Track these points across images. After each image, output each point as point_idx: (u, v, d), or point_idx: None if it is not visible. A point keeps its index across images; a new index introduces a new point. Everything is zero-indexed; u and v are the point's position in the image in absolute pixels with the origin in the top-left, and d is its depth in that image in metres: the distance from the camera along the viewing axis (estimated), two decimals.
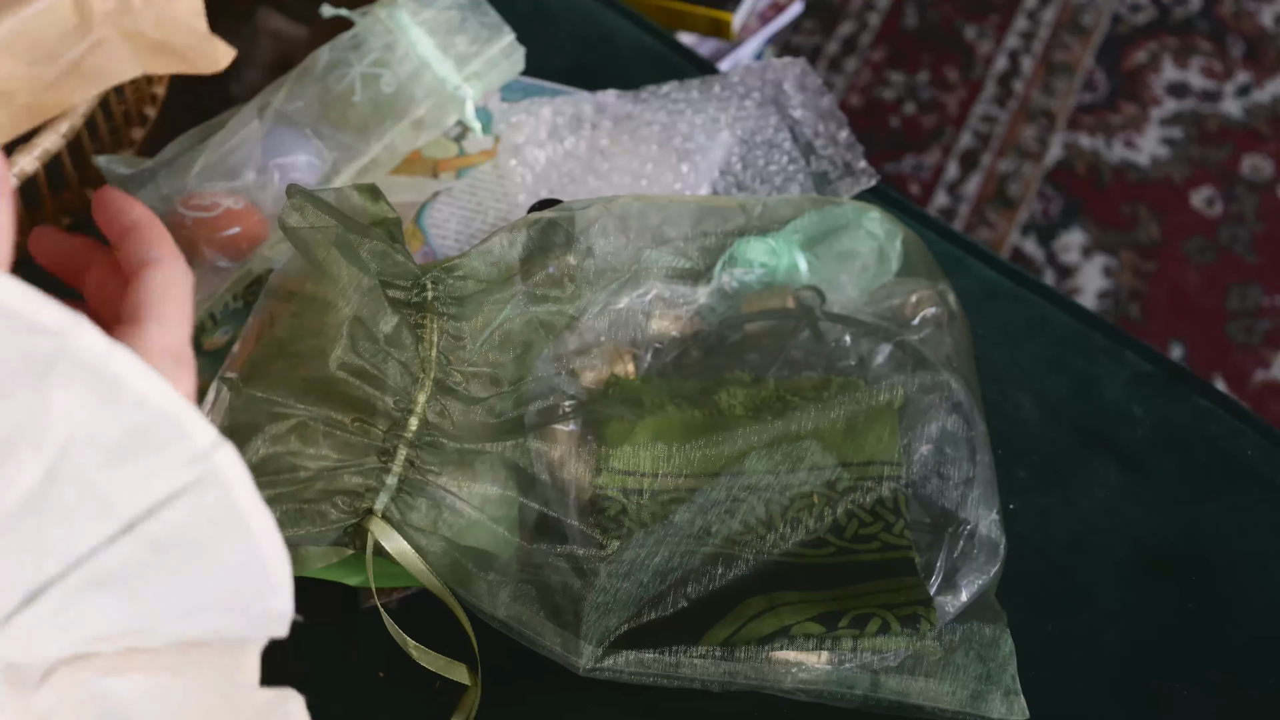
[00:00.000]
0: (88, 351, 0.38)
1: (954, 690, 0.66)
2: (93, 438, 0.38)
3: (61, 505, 0.38)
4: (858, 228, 0.78)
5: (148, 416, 0.39)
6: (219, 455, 0.40)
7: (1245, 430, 0.79)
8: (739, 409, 0.72)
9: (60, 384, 0.38)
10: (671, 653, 0.66)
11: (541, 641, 0.66)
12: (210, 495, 0.40)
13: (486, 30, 0.87)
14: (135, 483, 0.39)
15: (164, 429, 0.39)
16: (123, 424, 0.39)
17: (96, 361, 0.38)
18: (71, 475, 0.38)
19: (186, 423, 0.40)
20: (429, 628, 0.70)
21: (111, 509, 0.39)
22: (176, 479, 0.40)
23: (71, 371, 0.38)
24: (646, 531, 0.68)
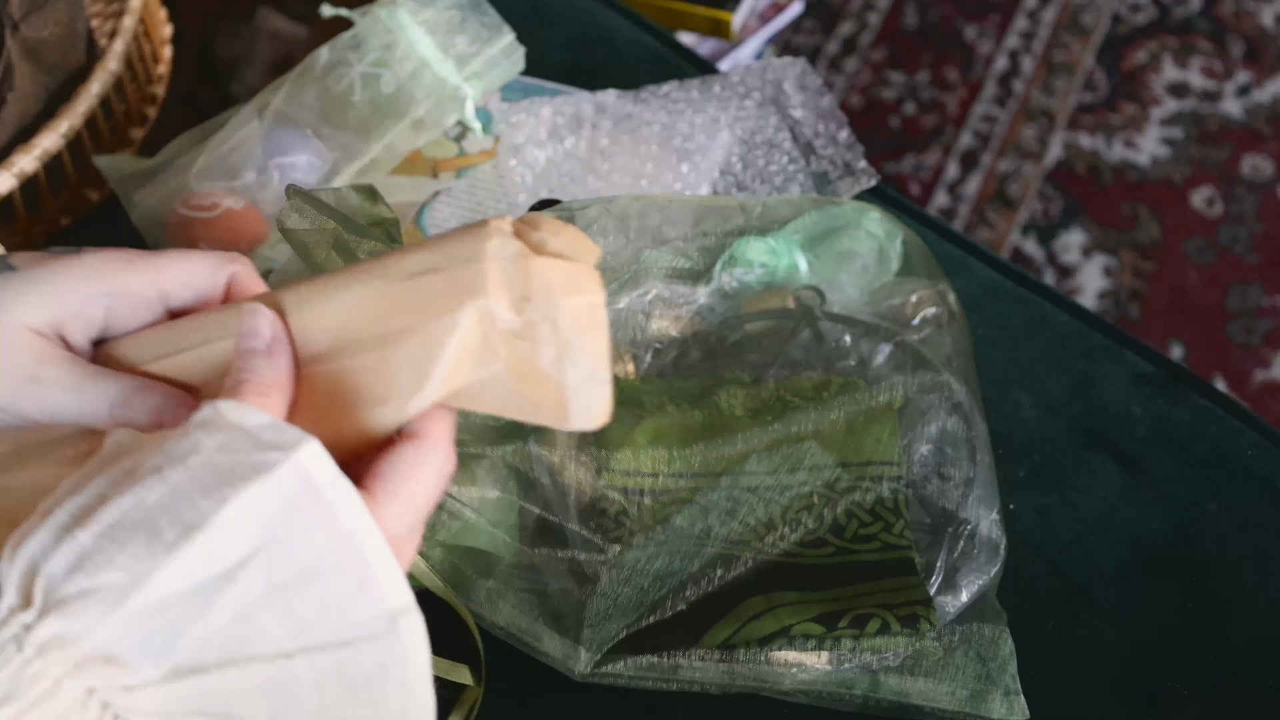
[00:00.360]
0: (310, 472, 0.41)
1: (953, 690, 0.66)
2: (286, 555, 0.40)
3: (232, 606, 0.40)
4: (858, 228, 0.78)
5: (349, 556, 0.41)
6: (405, 622, 0.42)
7: (1245, 430, 0.79)
8: (739, 409, 0.72)
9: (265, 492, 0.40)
10: (669, 656, 0.65)
11: (540, 648, 0.66)
12: (381, 656, 0.41)
13: (486, 30, 0.87)
14: (312, 615, 0.41)
15: (361, 573, 0.41)
16: (319, 553, 0.41)
17: (316, 485, 0.41)
18: (252, 582, 0.40)
19: (384, 576, 0.41)
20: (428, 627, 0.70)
21: (280, 630, 0.41)
22: (358, 628, 0.41)
23: (284, 485, 0.40)
24: (647, 535, 0.68)
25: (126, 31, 0.90)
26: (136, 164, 0.87)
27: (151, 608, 0.39)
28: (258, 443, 0.41)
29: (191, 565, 0.39)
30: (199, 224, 0.81)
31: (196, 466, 0.40)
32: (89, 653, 0.39)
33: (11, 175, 0.83)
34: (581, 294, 0.45)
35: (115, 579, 0.39)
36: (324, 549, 0.41)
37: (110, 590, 0.39)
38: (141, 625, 0.39)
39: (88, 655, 0.39)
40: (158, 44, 0.99)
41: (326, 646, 0.41)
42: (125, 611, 0.39)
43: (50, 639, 0.39)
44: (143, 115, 0.96)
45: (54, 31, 0.86)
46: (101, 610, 0.39)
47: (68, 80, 0.89)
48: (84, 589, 0.39)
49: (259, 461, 0.40)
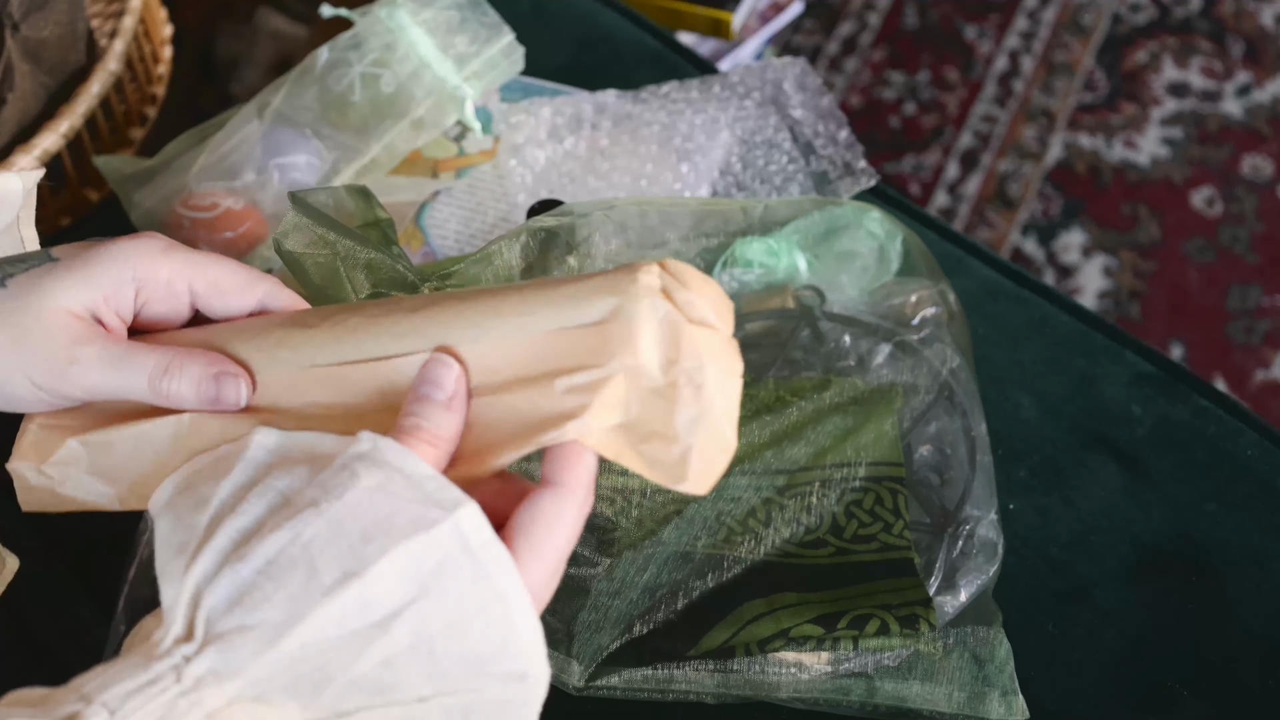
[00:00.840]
0: (468, 534, 0.42)
1: (951, 693, 0.65)
2: (440, 607, 0.41)
3: (383, 654, 0.41)
4: (858, 228, 0.78)
5: (497, 615, 0.42)
6: (534, 675, 0.43)
7: (1245, 430, 0.79)
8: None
9: (426, 548, 0.41)
10: (664, 667, 0.65)
11: None
12: (510, 703, 0.43)
13: (486, 30, 0.87)
14: (457, 665, 0.42)
15: (504, 632, 0.42)
16: (471, 608, 0.42)
17: (471, 546, 0.42)
18: (405, 631, 0.41)
19: (527, 640, 0.43)
20: None
21: (426, 676, 0.42)
22: (492, 683, 0.43)
23: (444, 541, 0.41)
24: (637, 549, 0.68)
25: (126, 31, 0.90)
26: (136, 164, 0.87)
27: (305, 649, 0.40)
28: (420, 494, 0.42)
29: (346, 611, 0.40)
30: (199, 224, 0.81)
31: (355, 504, 0.41)
32: (241, 689, 0.40)
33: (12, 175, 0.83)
34: (727, 362, 0.48)
35: (272, 617, 0.40)
36: (474, 608, 0.42)
37: (266, 629, 0.40)
38: (295, 667, 0.40)
39: (240, 692, 0.40)
40: (158, 44, 0.99)
41: (459, 692, 0.42)
42: (280, 651, 0.40)
43: (207, 673, 0.40)
44: (143, 115, 0.96)
45: (54, 31, 0.86)
46: (256, 649, 0.40)
47: (68, 80, 0.89)
48: (242, 624, 0.40)
49: (420, 516, 0.41)
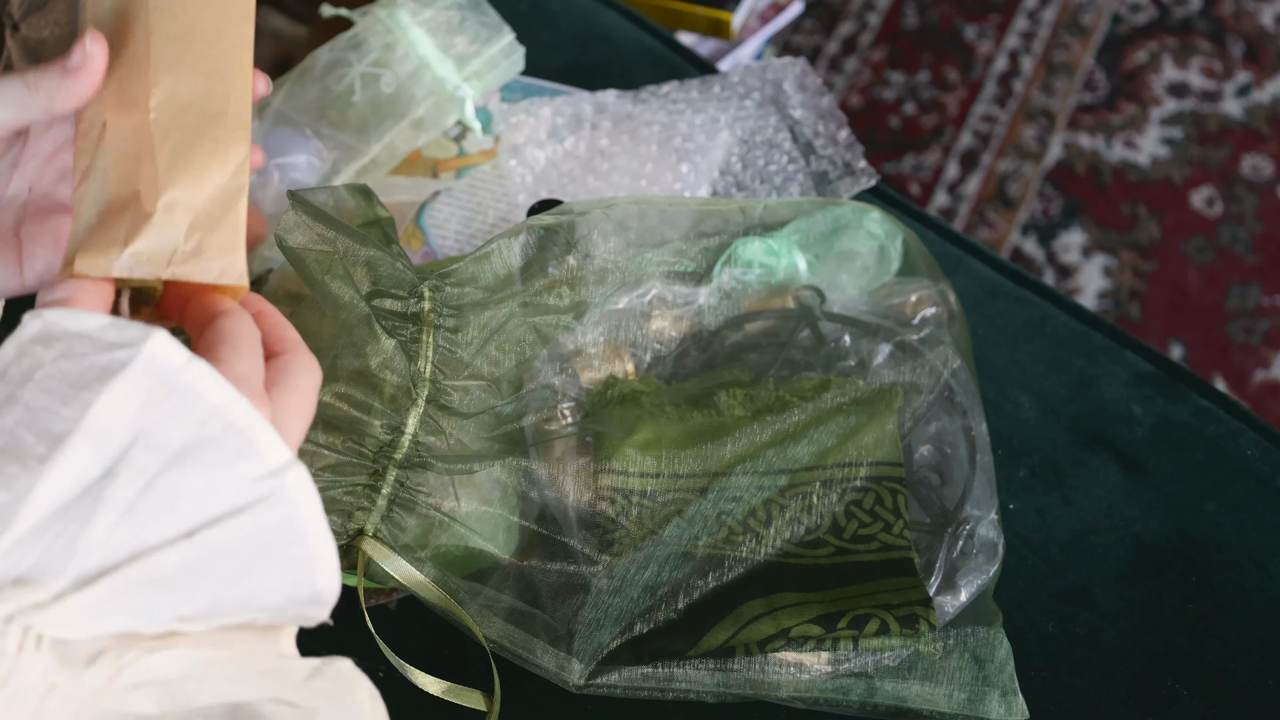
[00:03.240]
0: (163, 362, 0.42)
1: (951, 693, 0.65)
2: (159, 443, 0.41)
3: (120, 501, 0.41)
4: (858, 228, 0.78)
5: (220, 429, 0.42)
6: (290, 475, 0.43)
7: (1245, 430, 0.79)
8: (739, 410, 0.72)
9: (126, 388, 0.41)
10: (665, 665, 0.65)
11: (534, 660, 0.66)
12: (277, 513, 0.43)
13: (486, 30, 0.87)
14: (201, 491, 0.42)
15: (236, 443, 0.42)
16: (191, 433, 0.42)
17: (170, 372, 0.42)
18: (133, 475, 0.41)
19: (259, 440, 0.43)
20: (429, 646, 0.70)
21: (174, 512, 0.41)
22: (245, 494, 0.42)
23: (141, 378, 0.41)
24: (637, 547, 0.68)
25: None
26: None
27: (42, 521, 0.40)
28: (103, 344, 0.42)
29: (69, 472, 0.40)
30: None
31: (45, 379, 0.41)
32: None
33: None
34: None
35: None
36: (194, 426, 0.42)
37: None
38: (38, 540, 0.40)
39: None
40: None
41: (222, 517, 0.42)
42: (16, 531, 0.39)
43: None
44: None
45: (54, 31, 0.86)
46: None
47: None
48: None
49: (110, 361, 0.41)
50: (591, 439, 0.70)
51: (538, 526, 0.69)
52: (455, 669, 0.68)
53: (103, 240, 0.49)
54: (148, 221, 0.49)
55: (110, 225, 0.49)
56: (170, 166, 0.50)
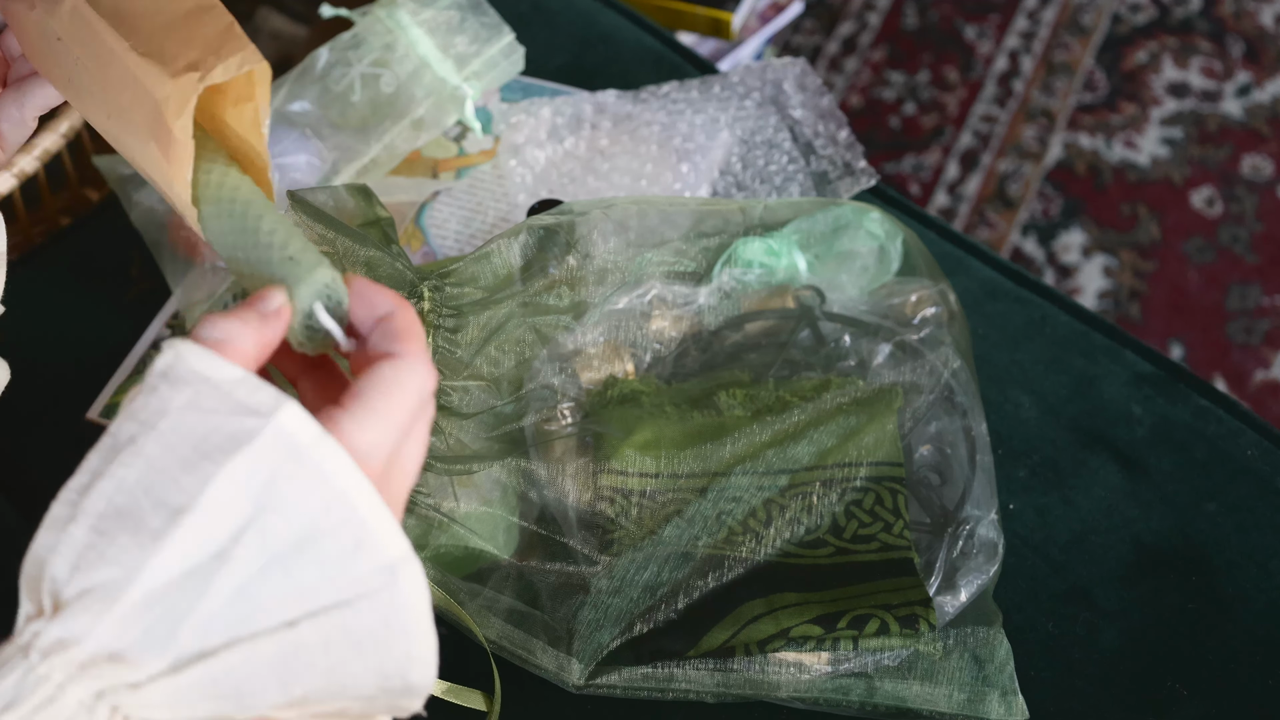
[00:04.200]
0: (292, 436, 0.39)
1: (951, 693, 0.65)
2: (277, 528, 0.39)
3: (228, 587, 0.39)
4: (858, 228, 0.78)
5: (340, 518, 0.40)
6: (405, 571, 0.41)
7: (1245, 430, 0.79)
8: (739, 410, 0.72)
9: (250, 464, 0.39)
10: (664, 665, 0.65)
11: (533, 660, 0.66)
12: (384, 610, 0.41)
13: (486, 30, 0.87)
14: (312, 582, 0.40)
15: (354, 533, 0.40)
16: (311, 520, 0.40)
17: (298, 450, 0.39)
18: (245, 561, 0.39)
19: (379, 530, 0.40)
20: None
21: (281, 602, 0.40)
22: (355, 587, 0.40)
23: (267, 453, 0.39)
24: (637, 547, 0.68)
25: None
26: None
27: (148, 599, 0.38)
28: (233, 403, 0.40)
29: (183, 550, 0.39)
30: None
31: (170, 432, 0.39)
32: (92, 653, 0.38)
33: (12, 175, 0.83)
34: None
35: (109, 575, 0.38)
36: (316, 512, 0.40)
37: (105, 588, 0.38)
38: (140, 619, 0.38)
39: (91, 656, 0.38)
40: None
41: (329, 608, 0.40)
42: (121, 608, 0.38)
43: (53, 643, 0.38)
44: None
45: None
46: (99, 609, 0.38)
47: None
48: (82, 589, 0.38)
49: (238, 430, 0.39)
50: (591, 439, 0.70)
51: (537, 527, 0.69)
52: (455, 669, 0.68)
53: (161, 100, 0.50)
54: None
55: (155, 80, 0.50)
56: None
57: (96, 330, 0.85)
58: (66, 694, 0.38)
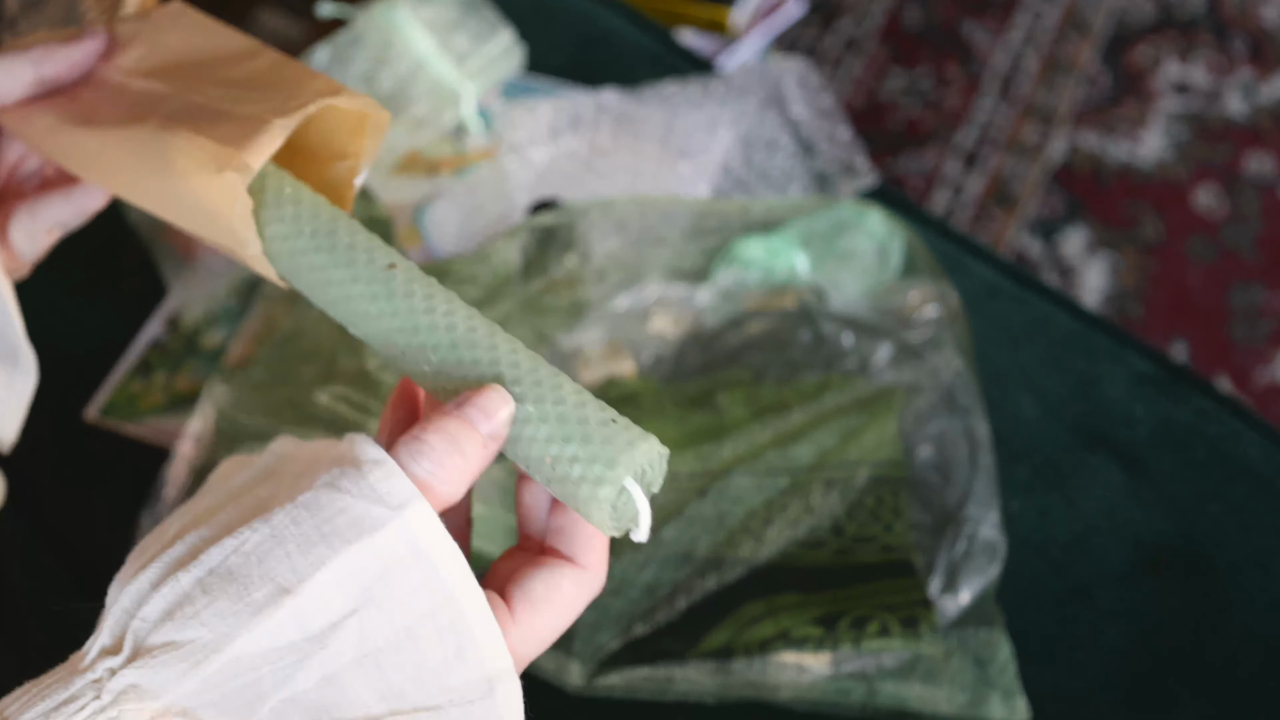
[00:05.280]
0: (415, 536, 0.39)
1: (952, 695, 0.65)
2: (382, 622, 0.38)
3: (320, 671, 0.38)
4: (858, 228, 0.77)
5: (448, 621, 0.39)
6: (503, 687, 0.40)
7: (1246, 430, 0.78)
8: (739, 410, 0.71)
9: (368, 556, 0.38)
10: (664, 666, 0.65)
11: (533, 661, 0.66)
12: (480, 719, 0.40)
13: (485, 28, 0.87)
14: (406, 681, 0.39)
15: (458, 640, 0.39)
16: (419, 619, 0.39)
17: (419, 551, 0.39)
18: (343, 649, 0.38)
19: (484, 640, 0.39)
20: None
21: (371, 694, 0.39)
22: (453, 694, 0.39)
23: (388, 548, 0.38)
24: (637, 548, 0.68)
25: None
26: None
27: (236, 665, 0.38)
28: (365, 488, 0.39)
29: (280, 628, 0.38)
30: None
31: (301, 505, 0.39)
32: (166, 706, 0.38)
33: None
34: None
35: (201, 635, 0.38)
36: (423, 613, 0.39)
37: (192, 649, 0.37)
38: (223, 684, 0.38)
39: (164, 709, 0.38)
40: None
41: (417, 710, 0.39)
42: (206, 670, 0.38)
43: (128, 688, 0.38)
44: None
45: (50, 30, 0.86)
46: (184, 667, 0.37)
47: None
48: (171, 641, 0.38)
49: (364, 517, 0.38)
50: None
51: None
52: None
53: (235, 137, 0.46)
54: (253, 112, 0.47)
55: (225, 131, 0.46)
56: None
57: (93, 329, 0.85)
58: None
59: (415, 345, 0.43)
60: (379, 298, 0.43)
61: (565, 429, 0.40)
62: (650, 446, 0.41)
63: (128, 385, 0.82)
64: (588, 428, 0.40)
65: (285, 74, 0.49)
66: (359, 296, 0.44)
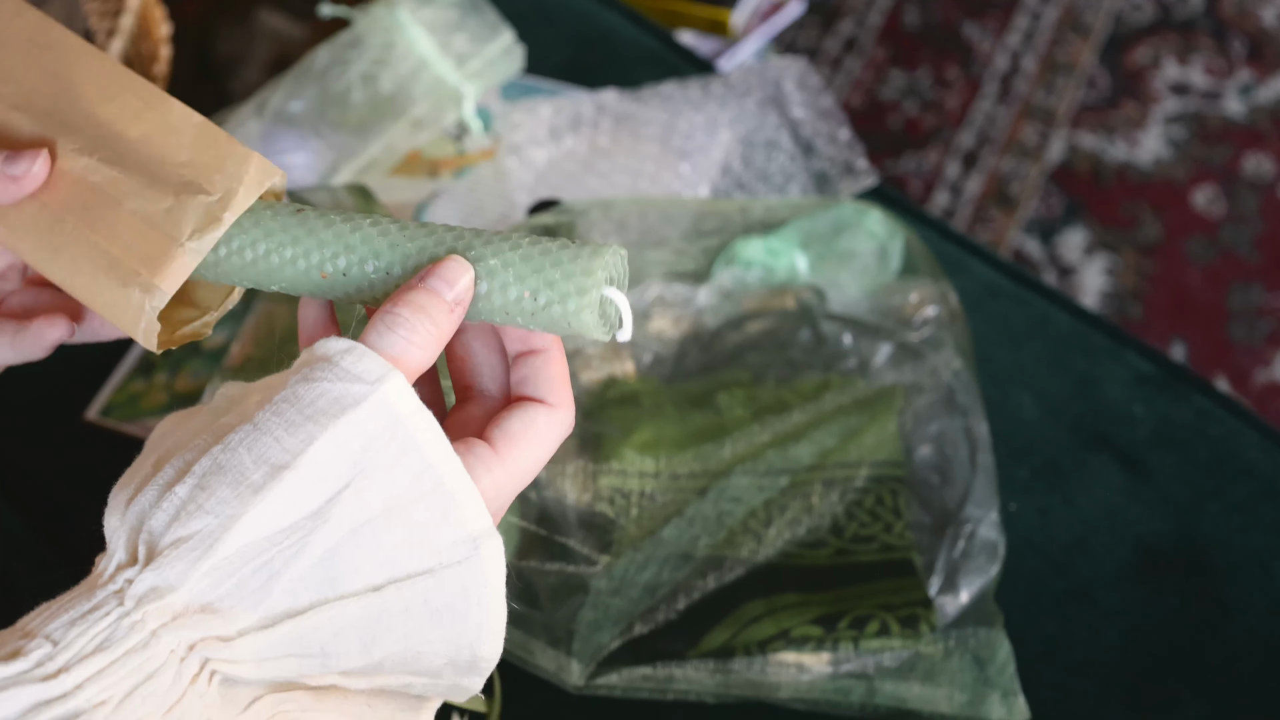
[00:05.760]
0: (393, 406, 0.40)
1: (951, 694, 0.65)
2: (372, 491, 0.40)
3: (322, 546, 0.40)
4: (858, 228, 0.77)
5: (430, 486, 0.41)
6: (486, 545, 0.42)
7: (1246, 430, 0.78)
8: (739, 410, 0.71)
9: (352, 429, 0.40)
10: (664, 666, 0.65)
11: (533, 661, 0.66)
12: (464, 580, 0.42)
13: (486, 29, 0.87)
14: (399, 547, 0.41)
15: (442, 503, 0.41)
16: (403, 486, 0.41)
17: (397, 420, 0.40)
18: (340, 521, 0.40)
19: (465, 504, 0.41)
20: None
21: (369, 565, 0.41)
22: (439, 556, 0.41)
23: (369, 420, 0.40)
24: (637, 547, 0.68)
25: (125, 31, 0.90)
26: None
27: (244, 551, 0.39)
28: (339, 370, 0.41)
29: (281, 506, 0.39)
30: None
31: (279, 400, 0.40)
32: (186, 603, 0.39)
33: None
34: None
35: (206, 524, 0.39)
36: (407, 480, 0.41)
37: (201, 537, 0.39)
38: (236, 570, 0.39)
39: (185, 605, 0.39)
40: (156, 43, 0.99)
41: (413, 575, 0.41)
42: (217, 556, 0.39)
43: (148, 591, 0.39)
44: None
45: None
46: (194, 557, 0.39)
47: None
48: (178, 537, 0.39)
49: (343, 394, 0.40)
50: (591, 439, 0.70)
51: (537, 527, 0.69)
52: None
53: (149, 256, 0.46)
54: (171, 212, 0.46)
55: (140, 245, 0.46)
56: (136, 175, 0.48)
57: None
58: (160, 641, 0.39)
59: (354, 263, 0.45)
60: (299, 239, 0.45)
61: (532, 264, 0.43)
62: (613, 251, 0.44)
63: (128, 385, 0.82)
64: (551, 255, 0.44)
65: (177, 138, 0.48)
66: (279, 248, 0.46)
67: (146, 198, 0.47)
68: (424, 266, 0.44)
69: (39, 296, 0.52)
